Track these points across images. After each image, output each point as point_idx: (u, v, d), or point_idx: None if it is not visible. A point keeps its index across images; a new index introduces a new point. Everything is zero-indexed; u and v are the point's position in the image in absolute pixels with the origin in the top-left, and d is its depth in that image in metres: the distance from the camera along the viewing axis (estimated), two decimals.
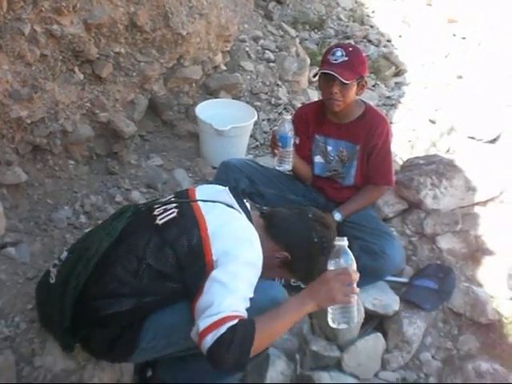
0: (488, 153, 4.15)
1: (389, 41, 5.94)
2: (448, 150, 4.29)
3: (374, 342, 2.72)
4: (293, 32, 5.57)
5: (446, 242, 3.26)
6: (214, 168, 3.66)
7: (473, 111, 4.59)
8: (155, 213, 2.09)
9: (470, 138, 4.38)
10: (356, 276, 1.82)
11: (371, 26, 6.11)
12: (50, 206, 3.11)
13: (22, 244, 2.73)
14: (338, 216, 2.98)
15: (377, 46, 5.71)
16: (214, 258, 1.86)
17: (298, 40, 5.39)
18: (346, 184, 3.06)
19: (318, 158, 3.09)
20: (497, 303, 3.03)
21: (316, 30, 5.82)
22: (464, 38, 6.10)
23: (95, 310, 1.94)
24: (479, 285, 3.14)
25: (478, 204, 3.46)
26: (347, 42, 5.58)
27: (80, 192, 3.28)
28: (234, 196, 2.14)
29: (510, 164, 3.80)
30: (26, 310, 2.30)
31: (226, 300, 1.74)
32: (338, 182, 3.09)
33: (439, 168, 3.39)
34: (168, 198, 2.22)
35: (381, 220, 3.18)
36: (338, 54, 2.73)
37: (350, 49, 2.79)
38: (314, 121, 3.05)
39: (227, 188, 2.20)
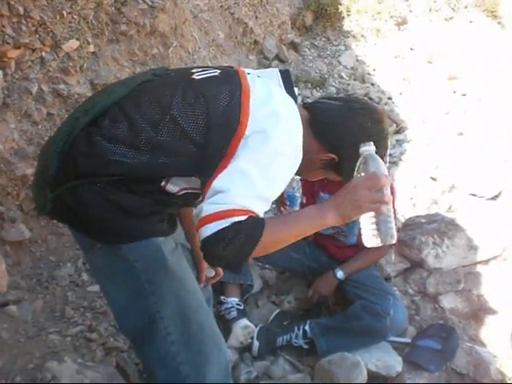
0: (490, 210, 4.15)
1: (389, 98, 6.01)
2: (450, 208, 4.29)
3: None
4: (295, 90, 5.62)
5: (448, 302, 3.24)
6: None
7: (474, 168, 4.61)
8: (192, 70, 1.85)
9: (471, 195, 4.40)
10: (387, 181, 1.52)
11: (372, 84, 6.19)
12: (52, 264, 3.11)
13: (24, 302, 2.73)
14: (340, 274, 2.98)
15: (378, 103, 5.76)
16: (247, 131, 1.60)
17: (300, 98, 5.46)
18: (348, 242, 3.07)
19: None
20: (500, 363, 2.99)
21: (318, 89, 5.91)
22: (464, 95, 6.17)
23: (99, 150, 1.66)
24: (482, 344, 3.10)
25: (480, 263, 3.46)
26: None
27: None
28: (283, 78, 1.89)
29: (511, 221, 3.81)
30: (26, 370, 2.29)
31: (242, 192, 1.52)
32: (340, 240, 3.09)
33: (441, 227, 3.40)
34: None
35: (383, 279, 3.17)
36: None
37: None
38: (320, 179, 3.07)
39: (278, 69, 1.94)
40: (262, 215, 1.57)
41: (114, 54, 3.50)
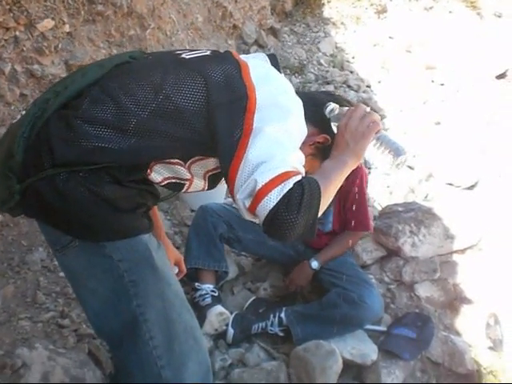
0: (466, 200, 4.18)
1: (368, 86, 5.99)
2: (426, 197, 4.31)
3: None
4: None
5: (424, 290, 3.25)
6: (193, 211, 3.63)
7: (451, 157, 4.64)
8: (178, 52, 1.77)
9: (448, 184, 4.42)
10: (363, 106, 1.66)
11: (351, 72, 6.16)
12: (24, 248, 3.05)
13: None
14: (315, 264, 2.97)
15: (356, 91, 5.75)
16: (259, 105, 1.52)
17: None
18: (324, 230, 3.05)
19: None
20: (475, 353, 3.00)
21: (296, 75, 5.87)
22: (442, 85, 6.18)
23: (80, 134, 1.54)
24: (458, 333, 3.11)
25: (456, 252, 3.47)
26: (327, 86, 5.64)
27: None
28: (271, 61, 1.81)
29: (488, 211, 3.83)
30: None
31: (284, 155, 1.44)
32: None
33: (418, 215, 3.40)
34: None
35: (359, 267, 3.16)
36: None
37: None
38: None
39: (265, 54, 1.86)
40: (303, 170, 1.50)
41: (90, 34, 3.43)
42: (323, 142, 1.83)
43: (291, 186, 1.36)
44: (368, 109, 1.66)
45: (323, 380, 2.57)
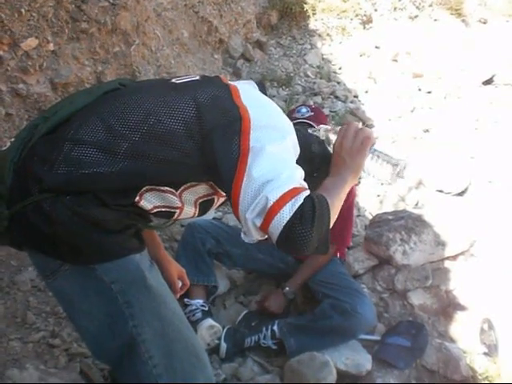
0: (457, 206, 4.18)
1: (356, 96, 6.01)
2: (417, 204, 4.31)
3: None
4: None
5: (417, 298, 3.24)
6: (183, 226, 3.62)
7: (440, 164, 4.64)
8: (167, 78, 1.79)
9: (438, 191, 4.42)
10: (354, 123, 1.73)
11: (338, 83, 6.18)
12: (13, 268, 3.02)
13: None
14: (287, 291, 3.01)
15: (344, 101, 5.77)
16: (253, 125, 1.52)
17: None
18: None
19: None
20: (470, 359, 2.99)
21: (284, 87, 5.88)
22: (429, 92, 6.21)
23: (69, 159, 1.53)
24: (452, 340, 3.10)
25: (448, 258, 3.46)
26: (314, 98, 5.66)
27: None
28: (259, 88, 1.82)
29: (478, 216, 3.83)
30: None
31: (289, 172, 1.46)
32: None
33: (408, 223, 3.40)
34: None
35: (351, 277, 3.15)
36: (304, 110, 2.78)
37: (313, 106, 2.85)
38: None
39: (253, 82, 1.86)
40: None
41: (75, 52, 3.42)
42: None
43: (302, 200, 1.38)
44: (360, 125, 1.71)
45: None
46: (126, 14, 3.74)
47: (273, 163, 1.46)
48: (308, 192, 1.43)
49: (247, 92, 1.67)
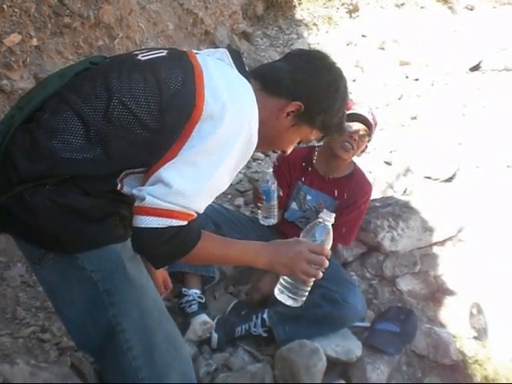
0: (445, 192, 4.20)
1: None
2: (405, 191, 4.32)
3: None
4: (246, 69, 5.59)
5: (405, 284, 3.26)
6: None
7: (428, 151, 4.66)
8: (135, 52, 1.74)
9: (426, 177, 4.44)
10: (326, 263, 1.68)
11: None
12: (2, 264, 3.01)
13: None
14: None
15: None
16: (202, 116, 1.51)
17: None
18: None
19: (293, 205, 3.11)
20: (460, 343, 3.01)
21: None
22: (417, 80, 6.22)
23: (43, 148, 1.52)
24: (441, 325, 3.13)
25: (436, 244, 3.48)
26: None
27: None
28: (232, 57, 1.76)
29: (466, 202, 3.85)
30: None
31: (187, 189, 1.47)
32: (302, 228, 3.07)
33: (395, 210, 3.41)
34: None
35: (341, 267, 3.16)
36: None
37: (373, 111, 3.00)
38: (300, 168, 3.08)
39: (227, 50, 1.81)
40: (203, 210, 1.55)
41: (58, 47, 3.40)
42: (297, 110, 1.72)
43: (164, 227, 1.47)
44: (327, 264, 1.68)
45: (308, 379, 2.56)
46: (109, 7, 3.72)
47: (181, 167, 1.49)
48: (181, 222, 1.49)
49: (213, 75, 1.60)
